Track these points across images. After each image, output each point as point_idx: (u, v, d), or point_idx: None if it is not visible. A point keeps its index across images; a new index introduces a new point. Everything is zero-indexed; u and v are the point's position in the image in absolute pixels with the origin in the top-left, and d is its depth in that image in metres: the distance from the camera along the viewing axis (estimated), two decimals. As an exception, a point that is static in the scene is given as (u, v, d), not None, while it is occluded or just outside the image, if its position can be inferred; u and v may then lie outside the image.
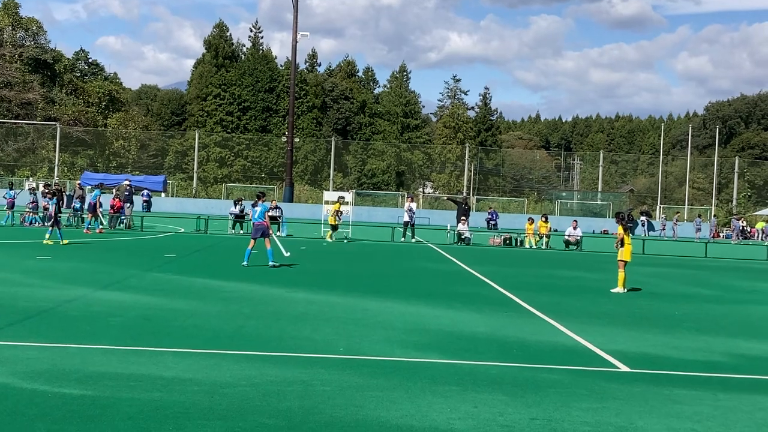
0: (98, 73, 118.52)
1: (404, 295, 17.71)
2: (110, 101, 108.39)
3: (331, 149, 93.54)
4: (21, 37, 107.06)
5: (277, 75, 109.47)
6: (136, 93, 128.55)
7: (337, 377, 9.32)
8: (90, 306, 13.98)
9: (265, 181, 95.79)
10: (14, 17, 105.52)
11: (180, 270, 20.93)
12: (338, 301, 16.10)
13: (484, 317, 14.83)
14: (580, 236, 41.10)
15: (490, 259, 30.43)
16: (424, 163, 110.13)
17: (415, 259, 28.62)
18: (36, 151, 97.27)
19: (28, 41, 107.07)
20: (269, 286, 18.10)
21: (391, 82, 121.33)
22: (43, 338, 10.88)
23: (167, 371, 9.21)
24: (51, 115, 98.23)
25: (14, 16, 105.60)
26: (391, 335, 12.36)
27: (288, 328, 12.60)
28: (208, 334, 11.75)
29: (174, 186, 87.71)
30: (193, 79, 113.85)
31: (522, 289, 19.92)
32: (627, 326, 14.59)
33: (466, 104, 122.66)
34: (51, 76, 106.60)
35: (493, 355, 11.14)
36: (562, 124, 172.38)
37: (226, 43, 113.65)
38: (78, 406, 7.63)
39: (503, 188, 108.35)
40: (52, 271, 19.31)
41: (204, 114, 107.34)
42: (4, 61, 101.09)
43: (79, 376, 8.78)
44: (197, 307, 14.46)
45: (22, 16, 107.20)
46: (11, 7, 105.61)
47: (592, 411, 8.36)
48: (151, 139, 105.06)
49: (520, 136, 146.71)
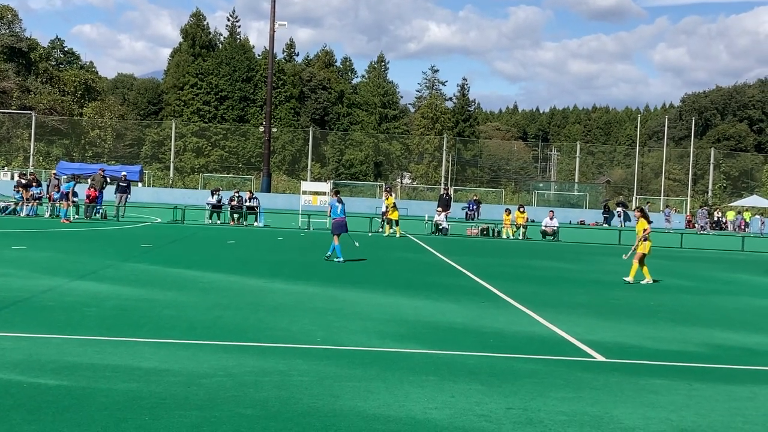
0: (74, 62, 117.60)
1: (382, 285, 17.73)
2: (86, 90, 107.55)
3: (308, 139, 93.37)
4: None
5: (254, 64, 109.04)
6: (112, 82, 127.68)
7: (315, 367, 9.32)
8: (66, 296, 13.90)
9: (243, 171, 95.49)
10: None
11: (157, 260, 20.84)
12: (316, 292, 16.09)
13: (461, 307, 14.87)
14: (557, 227, 41.27)
15: (467, 250, 30.50)
16: (402, 153, 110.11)
17: (392, 250, 28.65)
18: (11, 140, 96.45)
19: (3, 30, 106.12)
20: (247, 277, 18.06)
21: (369, 72, 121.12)
22: (18, 328, 10.81)
23: (144, 362, 9.17)
24: (26, 104, 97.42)
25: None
26: (368, 326, 12.37)
27: (266, 319, 12.58)
28: (185, 325, 11.71)
29: (150, 176, 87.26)
30: (170, 69, 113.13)
31: (499, 279, 19.99)
32: (603, 316, 14.68)
33: (445, 95, 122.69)
34: (26, 65, 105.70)
35: (470, 345, 11.18)
36: (539, 115, 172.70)
37: (203, 32, 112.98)
38: (53, 397, 7.59)
39: (481, 179, 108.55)
40: (28, 260, 19.18)
41: (181, 103, 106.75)
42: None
43: (55, 367, 8.73)
44: (174, 297, 14.41)
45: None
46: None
47: (568, 400, 8.40)
48: (128, 129, 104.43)
49: (498, 127, 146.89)
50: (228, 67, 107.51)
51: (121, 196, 40.31)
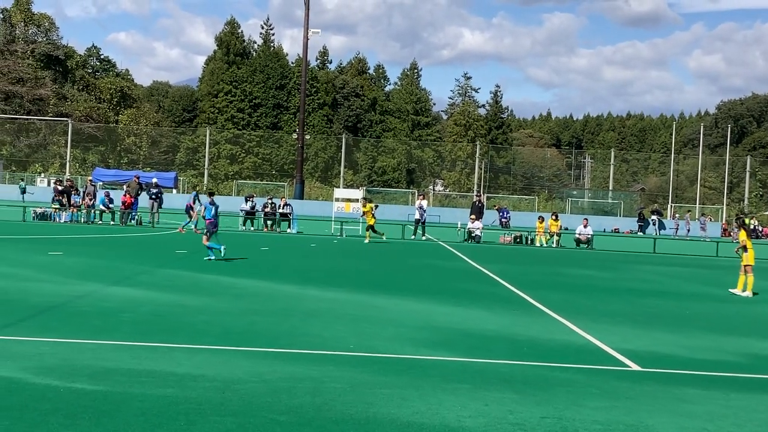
0: (110, 70, 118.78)
1: (415, 292, 17.71)
2: (122, 97, 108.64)
3: (341, 146, 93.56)
4: (33, 33, 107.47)
5: (288, 72, 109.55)
6: (148, 89, 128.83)
7: (348, 374, 9.33)
8: (101, 301, 14.03)
9: (276, 178, 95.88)
10: (26, 13, 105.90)
11: (191, 266, 20.97)
12: (349, 298, 16.11)
13: (494, 315, 14.83)
14: (591, 235, 41.03)
15: (500, 257, 30.41)
16: (434, 160, 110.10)
17: (425, 257, 28.62)
18: (48, 147, 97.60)
19: (40, 37, 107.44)
20: (280, 283, 18.13)
21: (402, 79, 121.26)
22: (55, 334, 10.92)
23: (179, 367, 9.24)
24: (63, 111, 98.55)
25: (26, 12, 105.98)
26: (401, 333, 12.37)
27: (299, 325, 12.62)
28: (219, 331, 11.77)
29: (185, 182, 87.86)
30: (205, 76, 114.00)
31: (532, 287, 19.90)
32: (638, 325, 14.57)
33: (477, 102, 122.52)
34: (63, 73, 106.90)
35: (503, 353, 11.14)
36: (573, 122, 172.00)
37: (238, 40, 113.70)
38: (90, 402, 7.66)
39: (514, 186, 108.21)
40: (64, 266, 19.38)
41: (215, 111, 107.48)
42: (17, 57, 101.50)
43: (91, 372, 8.81)
44: (208, 303, 14.49)
45: (34, 12, 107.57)
46: (24, 3, 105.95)
47: (602, 410, 8.34)
48: (163, 136, 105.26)
49: (531, 134, 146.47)
50: (262, 75, 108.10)
51: (153, 203, 40.61)
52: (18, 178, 79.91)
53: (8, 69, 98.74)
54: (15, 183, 73.67)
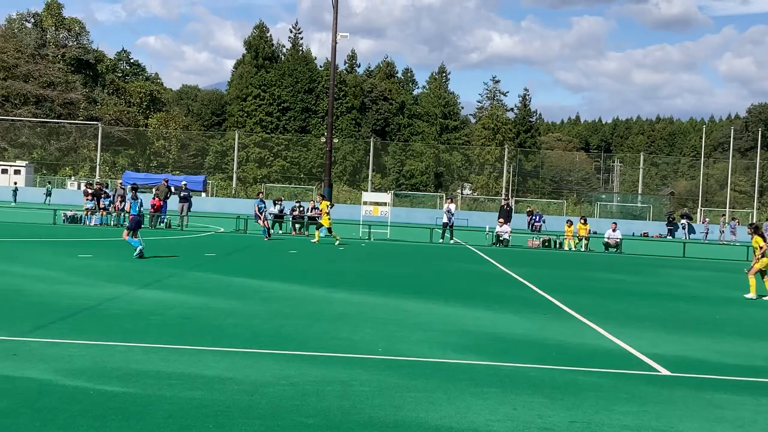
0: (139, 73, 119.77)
1: (443, 296, 17.69)
2: (151, 101, 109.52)
3: (369, 150, 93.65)
4: (64, 37, 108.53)
5: (316, 76, 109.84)
6: (177, 93, 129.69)
7: (377, 377, 9.33)
8: (131, 304, 14.12)
9: (304, 181, 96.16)
10: (57, 18, 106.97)
11: (220, 269, 21.06)
12: (377, 302, 16.11)
13: (523, 319, 14.77)
14: (620, 239, 40.77)
15: (528, 261, 30.29)
16: (462, 164, 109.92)
17: (453, 261, 28.57)
18: (78, 150, 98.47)
19: (70, 41, 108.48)
20: (308, 287, 18.16)
21: (430, 83, 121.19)
22: (86, 336, 11.00)
23: (208, 370, 9.27)
24: (93, 114, 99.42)
25: (57, 16, 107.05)
26: (430, 336, 12.35)
27: (327, 328, 12.63)
28: (248, 334, 11.81)
29: (214, 186, 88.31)
30: (233, 80, 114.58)
31: (561, 291, 19.81)
32: (668, 330, 14.46)
33: (506, 105, 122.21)
34: (93, 76, 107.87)
35: (532, 358, 11.09)
36: (602, 125, 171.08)
37: (266, 44, 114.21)
38: (119, 404, 7.70)
39: (542, 190, 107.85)
40: (94, 269, 19.53)
41: (244, 114, 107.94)
42: (48, 61, 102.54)
43: (121, 374, 8.87)
44: (237, 306, 14.54)
45: (65, 17, 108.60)
46: (54, 7, 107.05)
47: (632, 415, 8.29)
48: (192, 139, 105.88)
49: (560, 138, 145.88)
50: (290, 79, 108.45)
51: (183, 206, 40.83)
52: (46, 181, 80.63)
53: (39, 73, 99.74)
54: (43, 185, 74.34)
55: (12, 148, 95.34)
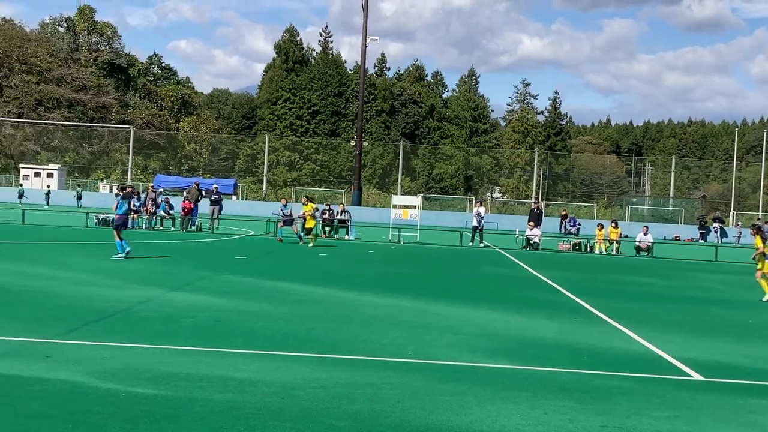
0: (171, 77, 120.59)
1: (473, 299, 17.64)
2: (182, 105, 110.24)
3: (399, 153, 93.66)
4: (96, 41, 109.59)
5: (346, 79, 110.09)
6: (208, 97, 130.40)
7: (407, 381, 9.31)
8: (163, 307, 14.21)
9: (334, 184, 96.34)
10: (90, 22, 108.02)
11: (251, 272, 21.14)
12: (407, 305, 16.10)
13: (553, 323, 14.70)
14: (651, 242, 40.49)
15: (559, 265, 30.15)
16: (492, 167, 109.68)
17: (483, 264, 28.50)
18: (110, 153, 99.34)
19: (103, 46, 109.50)
20: (338, 290, 18.18)
21: (459, 86, 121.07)
22: (117, 338, 11.08)
23: (238, 372, 9.31)
24: (125, 118, 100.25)
25: (90, 21, 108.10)
26: (460, 340, 12.32)
27: (357, 332, 12.64)
28: (279, 337, 11.84)
29: (244, 189, 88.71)
30: (264, 84, 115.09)
31: (592, 295, 19.70)
32: (700, 334, 14.34)
33: (536, 108, 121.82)
34: (125, 80, 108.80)
35: (563, 362, 11.03)
36: (633, 128, 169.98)
37: (297, 48, 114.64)
38: (151, 406, 7.75)
39: (572, 193, 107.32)
40: (126, 271, 19.67)
41: (274, 118, 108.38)
42: (80, 65, 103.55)
43: (152, 376, 8.92)
44: (267, 309, 14.59)
45: (97, 21, 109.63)
46: (87, 12, 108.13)
47: (664, 419, 8.22)
48: (222, 143, 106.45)
49: (590, 141, 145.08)
50: (320, 82, 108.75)
51: (214, 209, 41.04)
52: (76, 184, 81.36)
53: (72, 77, 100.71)
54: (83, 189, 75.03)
55: (45, 152, 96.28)
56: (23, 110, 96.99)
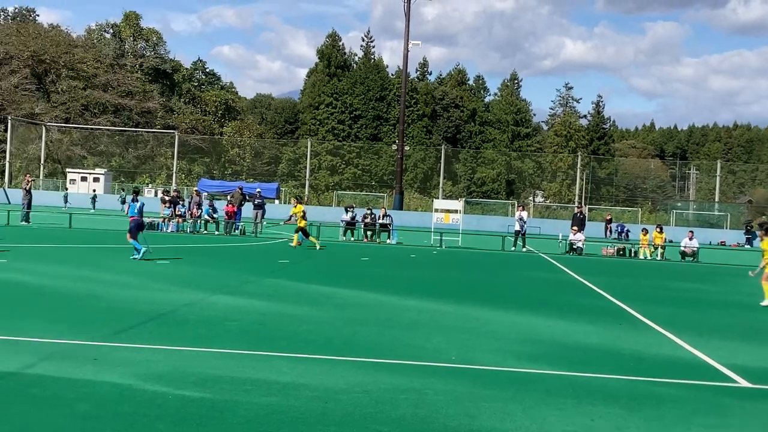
0: (215, 83, 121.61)
1: (516, 304, 17.55)
2: (226, 110, 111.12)
3: (440, 157, 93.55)
4: (142, 47, 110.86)
5: (387, 84, 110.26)
6: (251, 102, 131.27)
7: (450, 386, 9.28)
8: (207, 310, 14.30)
9: (375, 188, 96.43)
10: (135, 28, 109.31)
11: (293, 276, 21.21)
12: (449, 310, 16.05)
13: (598, 328, 14.57)
14: (697, 247, 40.03)
15: (603, 270, 29.91)
16: (534, 171, 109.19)
17: (526, 269, 28.35)
18: (155, 158, 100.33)
19: (148, 52, 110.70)
20: (381, 294, 18.18)
21: (501, 90, 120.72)
22: (163, 341, 11.16)
23: (282, 376, 9.33)
24: (170, 123, 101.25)
25: (135, 27, 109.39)
26: (503, 345, 12.26)
27: (400, 336, 12.62)
28: (322, 340, 11.86)
29: (287, 193, 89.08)
30: (306, 88, 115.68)
31: (636, 300, 19.50)
32: (747, 340, 14.13)
33: (579, 112, 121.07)
34: (170, 86, 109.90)
35: (608, 368, 10.92)
36: (677, 132, 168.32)
37: (339, 53, 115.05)
38: (197, 409, 7.80)
39: (616, 198, 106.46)
40: (171, 275, 19.83)
41: (316, 122, 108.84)
42: (126, 71, 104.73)
43: (198, 379, 8.98)
44: (310, 313, 14.63)
45: (142, 27, 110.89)
46: (132, 18, 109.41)
47: (713, 427, 8.11)
48: (265, 147, 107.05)
49: (634, 145, 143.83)
50: (362, 87, 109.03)
51: (257, 213, 41.25)
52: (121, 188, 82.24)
53: (118, 82, 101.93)
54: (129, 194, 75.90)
55: (91, 156, 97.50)
56: (70, 115, 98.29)
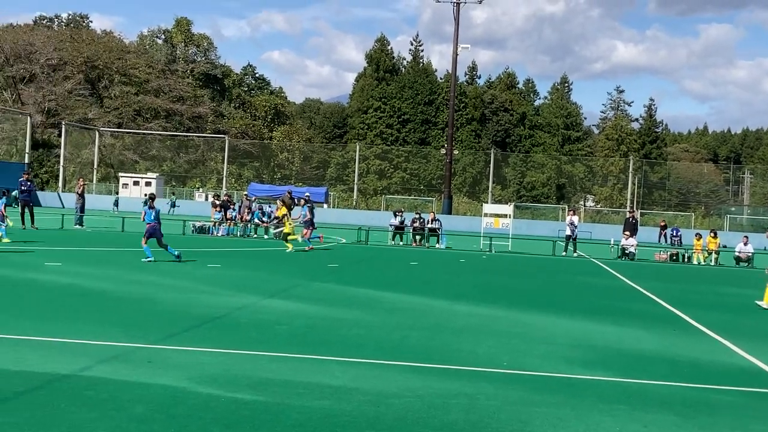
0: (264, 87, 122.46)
1: (567, 309, 17.42)
2: (275, 114, 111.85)
3: (489, 161, 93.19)
4: (193, 53, 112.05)
5: (436, 88, 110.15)
6: (300, 106, 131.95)
7: (502, 392, 9.23)
8: (258, 313, 14.39)
9: (424, 193, 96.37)
10: (186, 34, 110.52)
11: (343, 280, 21.27)
12: (500, 315, 15.99)
13: (651, 334, 14.41)
14: (752, 253, 39.38)
15: (655, 276, 29.56)
16: (585, 175, 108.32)
17: (577, 274, 28.13)
18: (205, 162, 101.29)
19: (199, 57, 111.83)
20: (430, 298, 18.16)
21: (551, 93, 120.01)
22: (216, 344, 11.25)
23: (334, 380, 9.36)
24: (220, 128, 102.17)
25: (186, 33, 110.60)
26: (555, 350, 12.17)
27: (450, 341, 12.59)
28: (372, 344, 11.88)
29: (335, 197, 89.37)
30: (355, 93, 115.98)
31: (690, 306, 19.25)
32: (806, 348, 13.87)
33: (630, 116, 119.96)
34: (220, 91, 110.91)
35: (662, 374, 10.80)
36: (731, 136, 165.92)
37: (387, 57, 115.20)
38: (250, 411, 7.84)
39: (668, 202, 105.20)
40: (222, 278, 19.99)
41: (364, 127, 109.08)
42: (178, 76, 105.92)
43: (251, 382, 9.03)
44: (361, 317, 14.65)
45: (193, 33, 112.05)
46: (184, 24, 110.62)
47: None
48: (314, 152, 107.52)
49: (686, 149, 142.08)
50: (411, 91, 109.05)
51: (306, 217, 41.35)
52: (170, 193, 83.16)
53: (169, 88, 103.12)
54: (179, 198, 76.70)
55: (143, 161, 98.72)
56: (122, 120, 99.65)
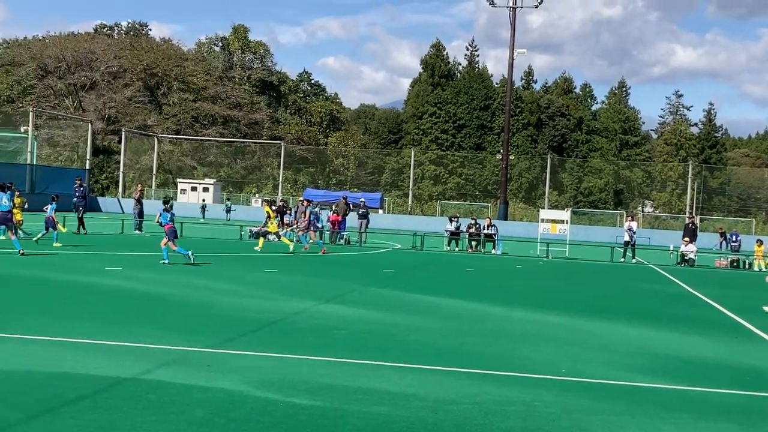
0: (320, 94, 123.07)
1: (626, 316, 17.22)
2: (331, 120, 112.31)
3: (546, 167, 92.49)
4: (249, 60, 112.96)
5: (492, 93, 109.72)
6: (355, 112, 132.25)
7: (561, 399, 9.15)
8: (315, 318, 14.45)
9: (479, 198, 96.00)
10: (243, 41, 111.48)
11: (399, 285, 21.26)
12: (557, 321, 15.86)
13: (712, 342, 14.18)
14: (815, 259, 38.54)
15: (716, 282, 29.10)
16: (643, 181, 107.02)
17: (636, 280, 27.79)
18: (262, 168, 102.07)
19: (255, 64, 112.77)
20: (487, 304, 18.08)
21: (609, 98, 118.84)
22: (273, 348, 11.32)
23: (392, 385, 9.35)
24: (276, 134, 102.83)
25: (243, 40, 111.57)
26: (614, 358, 12.04)
27: (507, 347, 12.53)
28: (429, 350, 11.85)
29: (390, 203, 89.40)
30: (410, 98, 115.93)
31: (752, 313, 18.91)
32: None
33: (689, 120, 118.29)
34: (276, 97, 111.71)
35: (724, 382, 10.62)
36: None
37: (442, 62, 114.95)
38: (308, 416, 7.87)
39: (728, 208, 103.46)
40: (279, 283, 20.11)
41: (419, 132, 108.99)
42: (235, 83, 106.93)
43: (308, 387, 9.07)
44: (417, 322, 14.63)
45: (250, 40, 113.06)
46: (241, 31, 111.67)
47: (838, 447, 7.80)
48: (369, 157, 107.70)
49: (747, 154, 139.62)
50: (466, 96, 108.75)
51: (362, 222, 41.49)
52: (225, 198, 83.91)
53: (227, 94, 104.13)
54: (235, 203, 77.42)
55: (201, 167, 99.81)
56: (181, 127, 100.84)
